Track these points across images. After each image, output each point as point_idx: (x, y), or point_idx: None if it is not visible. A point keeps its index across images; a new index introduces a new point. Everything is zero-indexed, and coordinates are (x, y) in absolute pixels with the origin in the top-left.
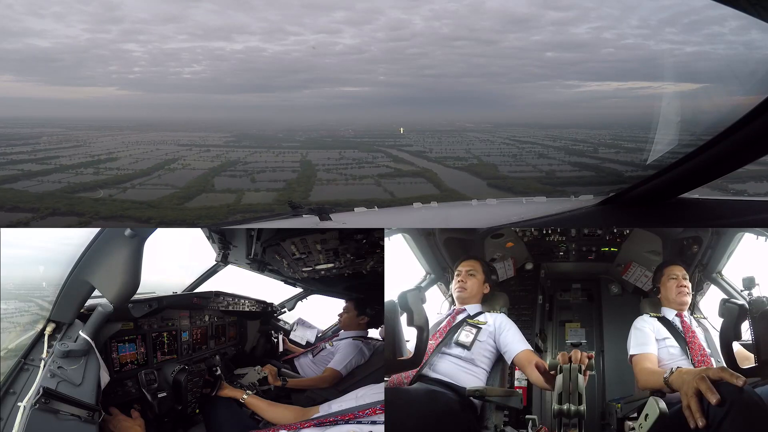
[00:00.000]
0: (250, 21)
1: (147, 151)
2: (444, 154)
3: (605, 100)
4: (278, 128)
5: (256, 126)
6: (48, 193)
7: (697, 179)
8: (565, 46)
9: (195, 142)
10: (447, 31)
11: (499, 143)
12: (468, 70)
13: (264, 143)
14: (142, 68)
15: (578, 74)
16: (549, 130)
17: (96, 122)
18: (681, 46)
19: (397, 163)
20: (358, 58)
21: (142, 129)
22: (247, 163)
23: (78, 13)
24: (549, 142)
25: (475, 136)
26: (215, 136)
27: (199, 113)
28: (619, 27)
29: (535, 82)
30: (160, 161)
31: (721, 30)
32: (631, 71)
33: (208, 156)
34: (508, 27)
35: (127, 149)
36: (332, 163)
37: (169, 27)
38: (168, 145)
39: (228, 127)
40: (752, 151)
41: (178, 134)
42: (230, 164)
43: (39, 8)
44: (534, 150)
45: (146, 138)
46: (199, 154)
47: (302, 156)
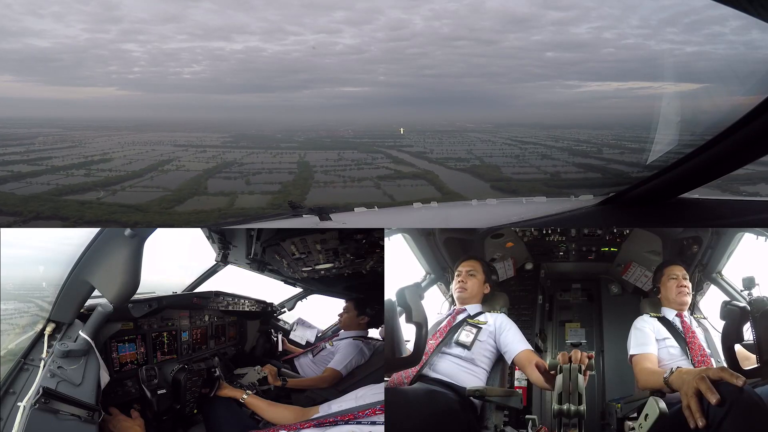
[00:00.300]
0: (250, 21)
1: (142, 152)
2: (445, 155)
3: (605, 100)
4: (277, 128)
5: (255, 126)
6: (34, 196)
7: (697, 179)
8: (566, 46)
9: (192, 142)
10: (447, 30)
11: (501, 144)
12: (468, 70)
13: (262, 144)
14: (141, 68)
15: (578, 74)
16: (550, 130)
17: (94, 122)
18: (682, 46)
19: (397, 164)
20: (358, 58)
21: (140, 129)
22: (242, 164)
23: (77, 13)
24: (551, 143)
25: (476, 137)
26: (213, 137)
27: (198, 113)
28: (619, 27)
29: (535, 82)
30: (153, 162)
31: (721, 30)
32: (631, 71)
33: (203, 157)
34: (509, 27)
35: (122, 150)
36: (330, 165)
37: (168, 27)
38: (164, 146)
39: (226, 127)
40: (752, 151)
41: (176, 134)
42: (226, 165)
43: (38, 8)
44: (537, 151)
45: (142, 138)
46: (194, 154)
47: (300, 157)
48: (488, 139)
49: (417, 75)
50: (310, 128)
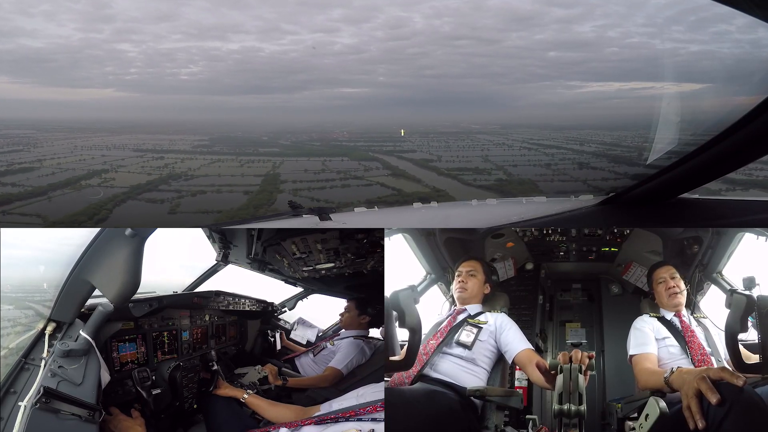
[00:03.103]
0: (245, 19)
1: (86, 158)
2: (457, 164)
3: (616, 100)
4: (266, 130)
5: (243, 128)
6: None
7: (697, 179)
8: (569, 45)
9: (159, 146)
10: (448, 29)
11: (519, 147)
12: (469, 71)
13: (237, 148)
14: (138, 69)
15: (581, 74)
16: (566, 131)
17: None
18: (686, 45)
19: (396, 178)
20: (357, 58)
21: (113, 131)
22: (191, 178)
23: (67, 11)
24: (576, 146)
25: (486, 139)
26: (189, 139)
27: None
28: (624, 25)
29: (537, 82)
30: (84, 173)
31: (728, 28)
32: (634, 71)
33: (153, 166)
34: (511, 25)
35: (73, 154)
36: (308, 178)
37: (162, 26)
38: (119, 151)
39: (210, 129)
40: (752, 151)
41: (145, 137)
42: (170, 178)
43: (28, 6)
44: (566, 156)
45: (103, 141)
46: (145, 162)
47: (273, 166)
48: (502, 142)
49: (417, 75)
50: (302, 130)
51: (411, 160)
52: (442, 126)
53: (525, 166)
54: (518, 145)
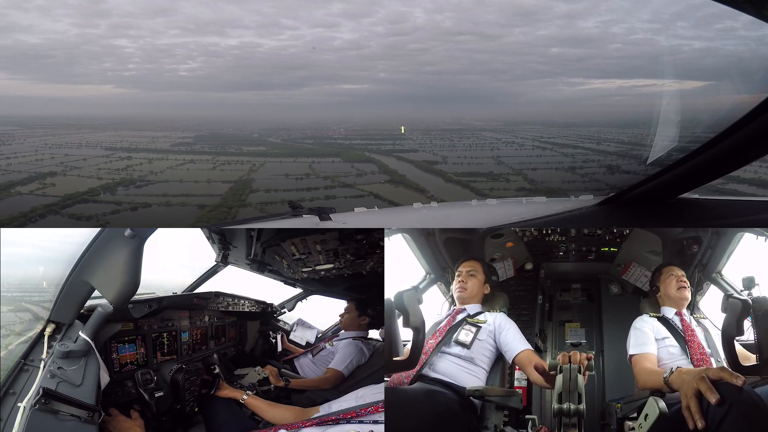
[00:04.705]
0: (243, 14)
1: (44, 157)
2: (466, 167)
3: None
4: (259, 128)
5: (235, 125)
6: None
7: (697, 179)
8: (572, 41)
9: (135, 145)
10: (449, 24)
11: (531, 146)
12: (470, 67)
13: (219, 147)
14: (136, 65)
15: (583, 71)
16: (574, 128)
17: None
18: (691, 42)
19: (395, 187)
20: (357, 54)
21: (98, 128)
22: (145, 184)
23: (62, 6)
24: (593, 145)
25: (493, 137)
26: (173, 136)
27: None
28: (629, 21)
29: (538, 79)
30: (25, 176)
31: (733, 24)
32: (636, 68)
33: (112, 168)
34: (514, 20)
35: (36, 153)
36: (286, 185)
37: (158, 21)
38: (89, 149)
39: (200, 126)
40: (753, 151)
41: (125, 134)
42: (120, 185)
43: (23, 1)
44: (585, 157)
45: (81, 139)
46: (107, 163)
47: (249, 170)
48: (511, 141)
49: (418, 72)
50: (297, 127)
51: (413, 162)
52: (443, 123)
53: (545, 170)
54: (529, 143)
